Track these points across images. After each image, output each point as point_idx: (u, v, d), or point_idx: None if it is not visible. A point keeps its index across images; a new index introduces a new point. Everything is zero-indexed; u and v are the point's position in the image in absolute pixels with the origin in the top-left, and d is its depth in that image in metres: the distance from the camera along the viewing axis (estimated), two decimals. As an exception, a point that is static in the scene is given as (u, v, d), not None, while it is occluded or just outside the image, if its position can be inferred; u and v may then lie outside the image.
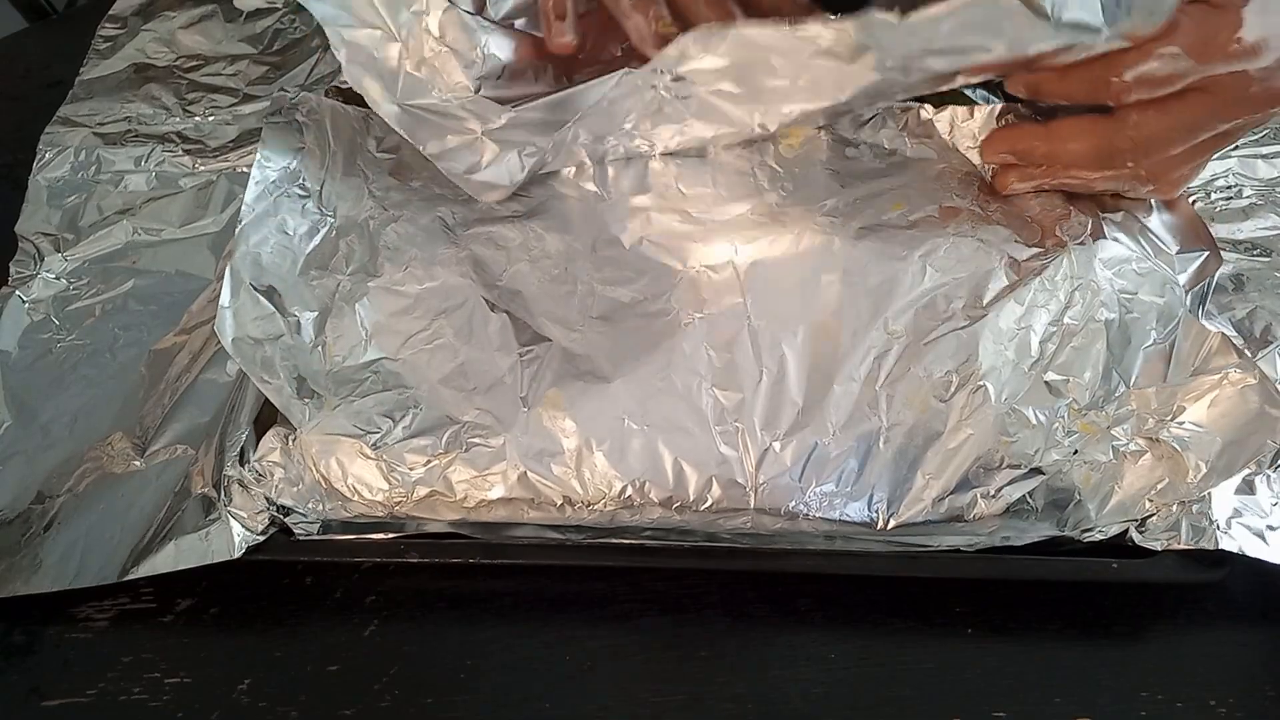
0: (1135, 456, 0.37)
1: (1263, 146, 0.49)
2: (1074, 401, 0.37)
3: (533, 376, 0.38)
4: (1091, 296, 0.38)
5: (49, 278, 0.46)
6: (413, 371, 0.38)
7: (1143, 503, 0.37)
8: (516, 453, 0.37)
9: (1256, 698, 0.36)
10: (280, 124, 0.43)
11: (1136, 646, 0.37)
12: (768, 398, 0.37)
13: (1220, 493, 0.36)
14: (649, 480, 0.37)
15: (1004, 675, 0.36)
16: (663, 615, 0.38)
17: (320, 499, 0.37)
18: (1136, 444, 0.37)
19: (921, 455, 0.37)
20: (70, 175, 0.49)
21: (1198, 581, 0.36)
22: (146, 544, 0.37)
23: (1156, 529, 0.36)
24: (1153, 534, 0.36)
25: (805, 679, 0.36)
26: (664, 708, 0.36)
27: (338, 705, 0.36)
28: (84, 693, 0.36)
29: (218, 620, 0.38)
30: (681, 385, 0.37)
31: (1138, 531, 0.36)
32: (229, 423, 0.39)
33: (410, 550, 0.37)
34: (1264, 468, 0.37)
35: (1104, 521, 0.37)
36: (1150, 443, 0.37)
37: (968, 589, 0.38)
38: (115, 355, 0.43)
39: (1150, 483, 0.37)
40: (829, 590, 0.38)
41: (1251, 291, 0.43)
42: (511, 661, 0.37)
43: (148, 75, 0.53)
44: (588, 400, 0.37)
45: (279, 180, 0.42)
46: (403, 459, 0.37)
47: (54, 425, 0.41)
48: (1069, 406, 0.37)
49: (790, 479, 0.37)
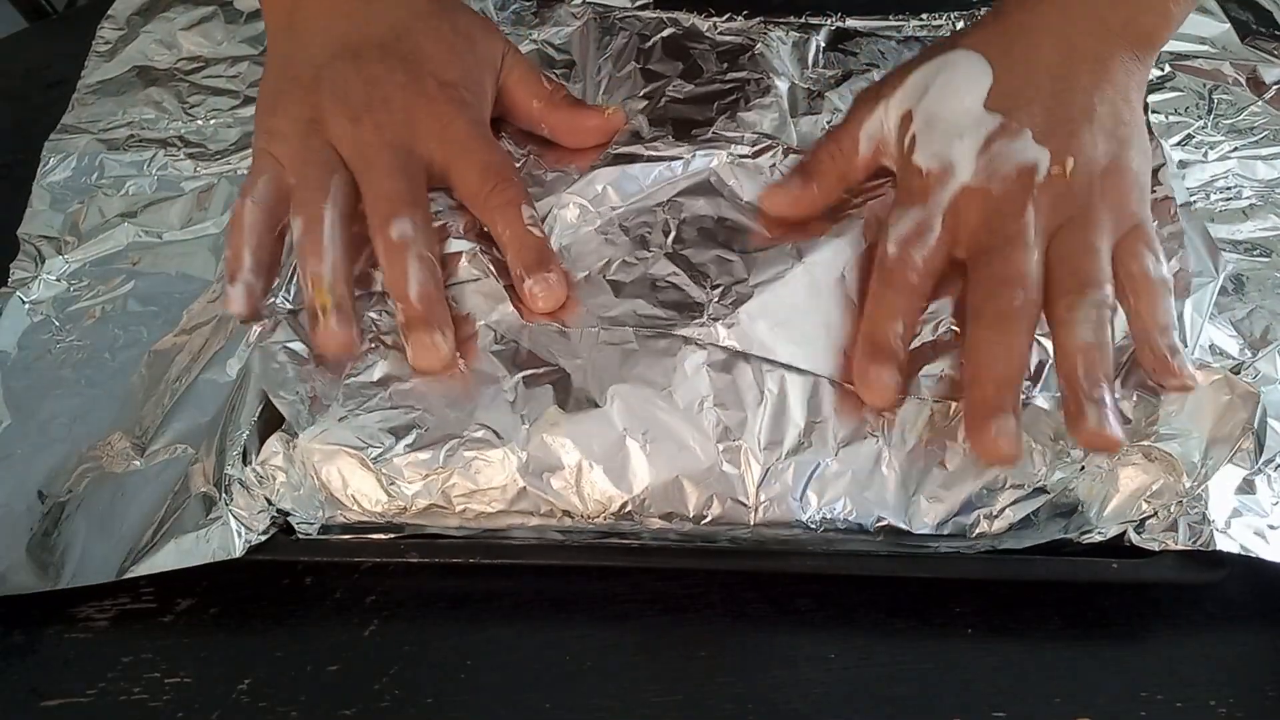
0: (1129, 462, 0.37)
1: (1262, 148, 0.49)
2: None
3: (534, 394, 0.38)
4: None
5: (49, 279, 0.46)
6: (419, 391, 0.38)
7: (1139, 504, 0.37)
8: (516, 468, 0.37)
9: (1256, 698, 0.36)
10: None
11: (1136, 646, 0.37)
12: (770, 417, 0.37)
13: (1220, 492, 0.36)
14: (649, 497, 0.37)
15: (1004, 675, 0.36)
16: (663, 615, 0.38)
17: (320, 505, 0.38)
18: (1130, 451, 0.37)
19: (924, 478, 0.37)
20: (73, 180, 0.49)
21: (1197, 581, 0.36)
22: (147, 543, 0.37)
23: (1155, 529, 0.36)
24: (1151, 534, 0.36)
25: (805, 679, 0.36)
26: (664, 708, 0.36)
27: (338, 705, 0.36)
28: (84, 693, 0.36)
29: (218, 620, 0.38)
30: (683, 403, 0.37)
31: (1136, 533, 0.36)
32: (229, 423, 0.39)
33: (410, 550, 0.37)
34: (1265, 466, 0.37)
35: (1103, 524, 0.37)
36: (1142, 448, 0.37)
37: (968, 589, 0.38)
38: (115, 356, 0.43)
39: (1145, 485, 0.37)
40: (829, 590, 0.38)
41: (1252, 291, 0.44)
42: (511, 661, 0.37)
43: (149, 78, 0.53)
44: (588, 417, 0.37)
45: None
46: (402, 473, 0.37)
47: (53, 425, 0.41)
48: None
49: (792, 498, 0.37)
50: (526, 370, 0.39)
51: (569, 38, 0.52)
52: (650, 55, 0.51)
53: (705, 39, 0.52)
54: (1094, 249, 0.37)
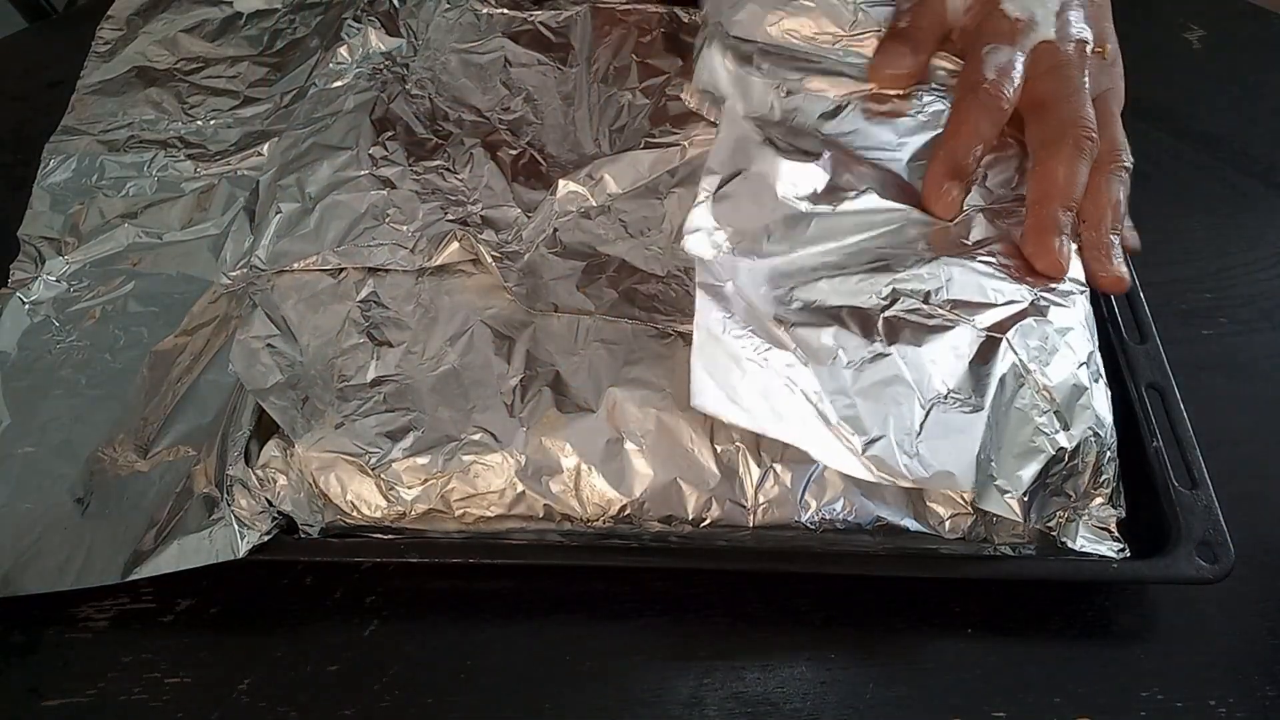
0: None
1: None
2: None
3: (532, 397, 0.38)
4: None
5: (50, 280, 0.46)
6: (416, 392, 0.39)
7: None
8: (514, 472, 0.37)
9: (1256, 698, 0.36)
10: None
11: (1136, 646, 0.37)
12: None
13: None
14: (648, 500, 0.36)
15: (1004, 675, 0.36)
16: (663, 615, 0.38)
17: (320, 510, 0.38)
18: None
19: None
20: (73, 181, 0.49)
21: (1198, 581, 0.36)
22: (149, 544, 0.37)
23: (1072, 533, 0.36)
24: (1069, 535, 0.36)
25: (805, 679, 0.36)
26: (664, 708, 0.36)
27: (338, 705, 0.36)
28: (84, 693, 0.36)
29: (218, 620, 0.38)
30: (681, 405, 0.37)
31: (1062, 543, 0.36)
32: (231, 423, 0.39)
33: (410, 550, 0.37)
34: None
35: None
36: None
37: (968, 589, 0.38)
38: (116, 357, 0.43)
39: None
40: (829, 590, 0.38)
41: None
42: (511, 661, 0.37)
43: (149, 79, 0.54)
44: (586, 420, 0.37)
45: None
46: (401, 478, 0.37)
47: (54, 426, 0.41)
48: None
49: (791, 500, 0.37)
50: (523, 370, 0.39)
51: (567, 22, 0.52)
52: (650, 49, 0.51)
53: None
54: (1117, 120, 0.42)
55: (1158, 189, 0.50)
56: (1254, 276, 0.48)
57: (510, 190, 0.45)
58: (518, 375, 0.39)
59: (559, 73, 0.50)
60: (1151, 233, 0.42)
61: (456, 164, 0.46)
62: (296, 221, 0.44)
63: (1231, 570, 0.36)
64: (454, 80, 0.50)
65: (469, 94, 0.49)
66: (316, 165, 0.45)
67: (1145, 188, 0.42)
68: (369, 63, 0.50)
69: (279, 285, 0.42)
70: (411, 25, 0.52)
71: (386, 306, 0.41)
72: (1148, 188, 0.42)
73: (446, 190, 0.44)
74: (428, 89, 0.49)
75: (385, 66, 0.50)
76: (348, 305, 0.41)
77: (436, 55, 0.51)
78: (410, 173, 0.45)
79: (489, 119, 0.48)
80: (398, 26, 0.52)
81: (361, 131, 0.46)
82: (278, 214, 0.44)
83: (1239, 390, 0.44)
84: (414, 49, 0.51)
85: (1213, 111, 0.55)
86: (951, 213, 0.40)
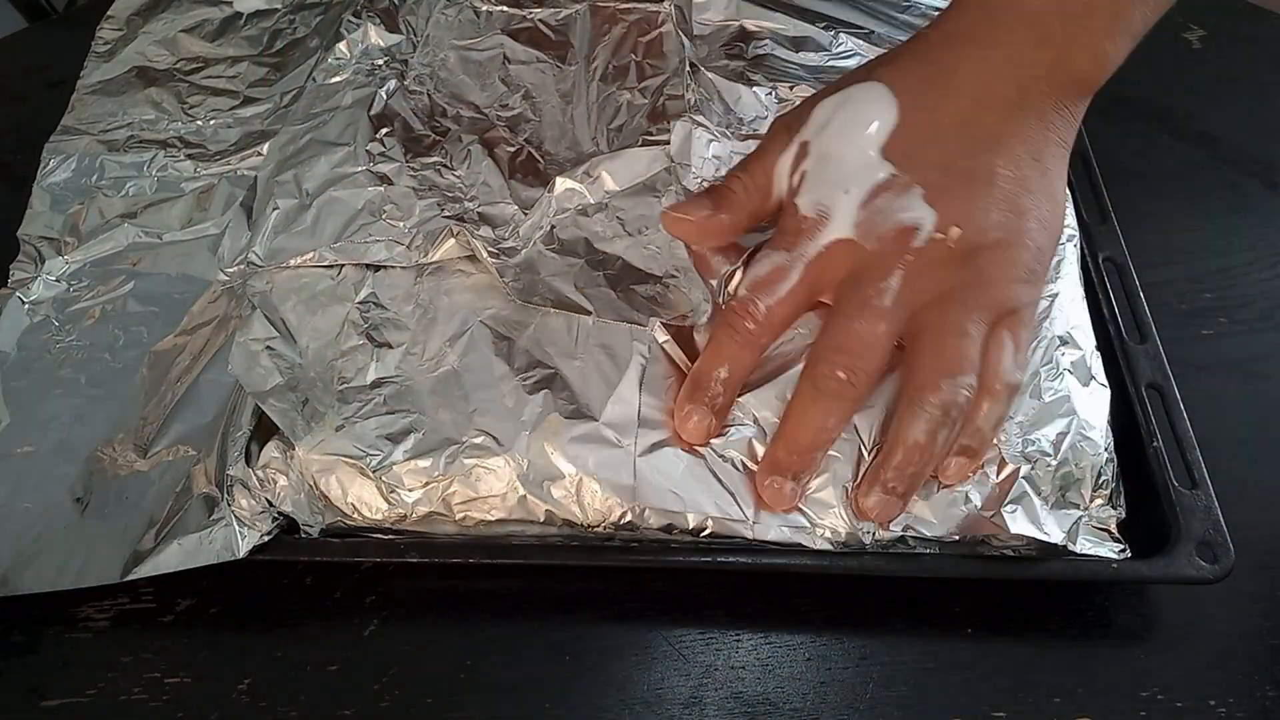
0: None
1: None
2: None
3: (534, 401, 0.38)
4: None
5: (49, 279, 0.46)
6: (416, 393, 0.38)
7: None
8: (516, 477, 0.37)
9: (1256, 698, 0.36)
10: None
11: (1136, 646, 0.37)
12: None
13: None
14: (649, 507, 0.36)
15: (1004, 675, 0.36)
16: (663, 615, 0.38)
17: (320, 512, 0.38)
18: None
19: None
20: (73, 181, 0.49)
21: (1198, 581, 0.36)
22: (149, 544, 0.37)
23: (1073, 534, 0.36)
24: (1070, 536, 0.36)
25: (805, 679, 0.36)
26: (664, 707, 0.36)
27: (338, 705, 0.36)
28: (84, 693, 0.36)
29: (218, 620, 0.38)
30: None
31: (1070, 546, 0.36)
32: (231, 423, 0.39)
33: (410, 550, 0.37)
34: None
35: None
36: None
37: (968, 589, 0.38)
38: (116, 356, 0.43)
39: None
40: (829, 590, 0.38)
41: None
42: (511, 661, 0.37)
43: (149, 79, 0.53)
44: (588, 426, 0.37)
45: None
46: (402, 481, 0.37)
47: (53, 426, 0.41)
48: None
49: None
50: (524, 372, 0.39)
51: (566, 20, 0.52)
52: (649, 48, 0.51)
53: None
54: (962, 331, 0.34)
55: (1158, 189, 0.50)
56: (1254, 276, 0.48)
57: (508, 187, 0.44)
58: (518, 376, 0.39)
59: (558, 70, 0.50)
60: (1151, 233, 0.42)
61: (454, 160, 0.46)
62: (294, 217, 0.44)
63: (1231, 570, 0.36)
64: (452, 77, 0.50)
65: (467, 91, 0.49)
66: (314, 161, 0.45)
67: (1145, 188, 0.42)
68: (368, 59, 0.50)
69: (278, 287, 0.42)
70: (411, 22, 0.52)
71: (385, 307, 0.41)
72: (1148, 188, 0.42)
73: (444, 187, 0.44)
74: (426, 85, 0.49)
75: (384, 63, 0.50)
76: (347, 306, 0.41)
77: (435, 52, 0.51)
78: (408, 169, 0.45)
79: (487, 116, 0.48)
80: (397, 23, 0.52)
81: (359, 127, 0.46)
82: (275, 210, 0.44)
83: (1239, 390, 0.44)
84: (413, 45, 0.51)
85: (1213, 111, 0.55)
86: (695, 438, 0.36)
